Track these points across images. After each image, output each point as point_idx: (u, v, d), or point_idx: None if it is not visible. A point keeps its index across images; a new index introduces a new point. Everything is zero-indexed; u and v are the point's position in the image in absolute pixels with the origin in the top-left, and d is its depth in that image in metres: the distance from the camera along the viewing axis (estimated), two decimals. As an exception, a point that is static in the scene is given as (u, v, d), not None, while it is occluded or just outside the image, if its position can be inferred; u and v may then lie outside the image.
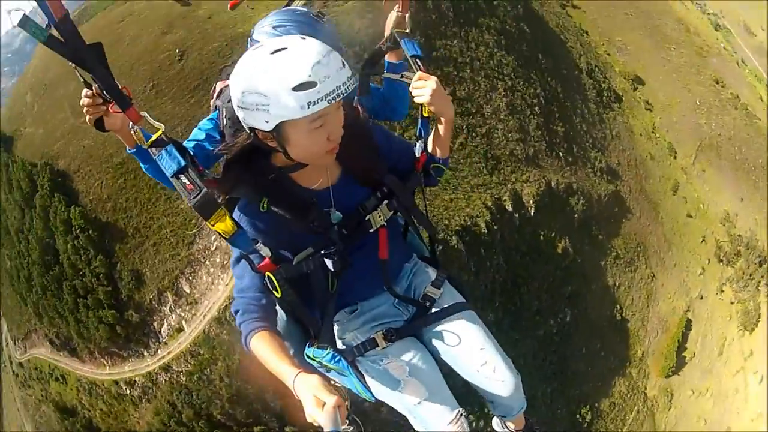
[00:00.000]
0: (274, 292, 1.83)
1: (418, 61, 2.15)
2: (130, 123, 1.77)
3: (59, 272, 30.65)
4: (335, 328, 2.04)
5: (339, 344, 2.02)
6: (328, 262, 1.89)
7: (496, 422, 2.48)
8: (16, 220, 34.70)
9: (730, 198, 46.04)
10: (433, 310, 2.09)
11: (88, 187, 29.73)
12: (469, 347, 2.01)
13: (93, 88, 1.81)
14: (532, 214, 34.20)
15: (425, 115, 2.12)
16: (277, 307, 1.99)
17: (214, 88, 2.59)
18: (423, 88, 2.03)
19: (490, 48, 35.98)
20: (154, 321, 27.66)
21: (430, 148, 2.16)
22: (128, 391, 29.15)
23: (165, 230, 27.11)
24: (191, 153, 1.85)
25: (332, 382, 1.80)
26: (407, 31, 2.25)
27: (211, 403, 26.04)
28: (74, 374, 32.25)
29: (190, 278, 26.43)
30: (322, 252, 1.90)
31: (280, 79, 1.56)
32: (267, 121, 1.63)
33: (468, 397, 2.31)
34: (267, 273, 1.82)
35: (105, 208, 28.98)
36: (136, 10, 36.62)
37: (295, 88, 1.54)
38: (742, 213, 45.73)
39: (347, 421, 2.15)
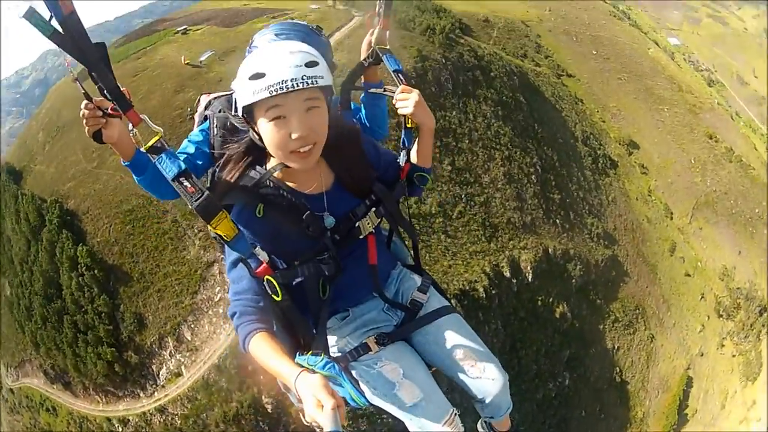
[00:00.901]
0: (274, 296, 1.87)
1: (400, 75, 2.26)
2: (130, 125, 1.85)
3: (61, 306, 30.82)
4: (328, 334, 2.08)
5: (332, 350, 2.06)
6: (323, 268, 1.95)
7: (481, 426, 2.51)
8: (21, 250, 34.96)
9: (728, 252, 46.55)
10: (421, 314, 2.15)
11: (96, 229, 30.34)
12: (458, 349, 2.07)
13: (93, 100, 1.85)
14: (530, 280, 34.69)
15: (408, 126, 2.23)
16: None
17: (199, 100, 2.62)
18: (406, 100, 2.14)
19: (487, 119, 37.29)
20: (153, 364, 27.86)
21: (413, 158, 2.25)
22: (120, 429, 29.00)
23: (170, 278, 27.63)
24: None
25: None
26: (388, 47, 2.35)
27: (204, 449, 25.99)
28: (66, 407, 32.13)
29: (192, 326, 26.74)
30: (317, 258, 1.96)
31: (245, 70, 1.75)
32: (236, 107, 1.82)
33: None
34: (266, 276, 1.87)
35: (112, 251, 29.49)
36: (150, 67, 38.08)
37: (250, 78, 1.71)
38: (740, 265, 46.16)
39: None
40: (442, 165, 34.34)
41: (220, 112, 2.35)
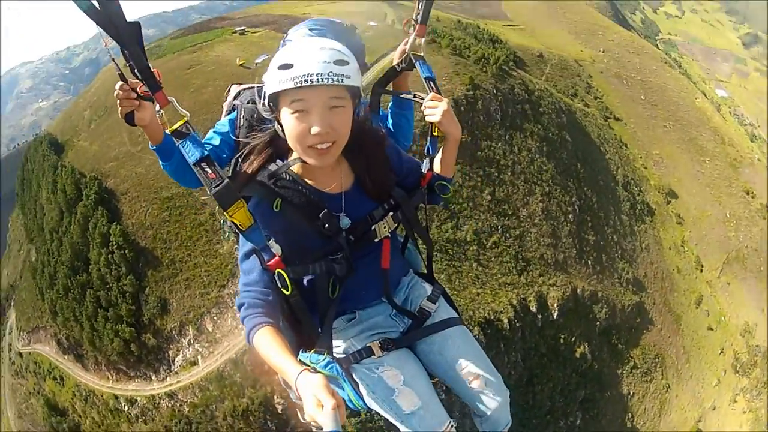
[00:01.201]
0: (284, 289, 1.87)
1: (431, 83, 2.28)
2: (157, 106, 1.86)
3: (86, 280, 31.01)
4: (333, 334, 2.07)
5: (336, 350, 2.05)
6: (336, 267, 1.94)
7: None
8: (52, 219, 35.26)
9: (752, 309, 46.51)
10: (428, 323, 2.14)
11: (133, 210, 30.81)
12: (462, 361, 2.07)
13: (128, 81, 1.88)
14: (555, 317, 34.98)
15: (435, 134, 2.24)
16: None
17: (229, 90, 2.63)
18: (435, 108, 2.15)
19: (531, 153, 37.84)
20: (170, 349, 28.09)
21: (436, 167, 2.25)
22: (126, 408, 29.23)
23: (200, 269, 27.83)
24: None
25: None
26: (422, 54, 2.36)
27: (208, 440, 26.04)
28: (74, 379, 32.42)
29: (215, 318, 26.90)
30: (330, 256, 1.94)
31: (275, 60, 1.76)
32: (266, 92, 1.82)
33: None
34: (277, 270, 1.87)
35: (145, 235, 29.86)
36: (204, 62, 39.30)
37: (279, 67, 1.73)
38: (762, 323, 46.10)
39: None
40: (482, 194, 34.98)
41: (248, 102, 2.38)
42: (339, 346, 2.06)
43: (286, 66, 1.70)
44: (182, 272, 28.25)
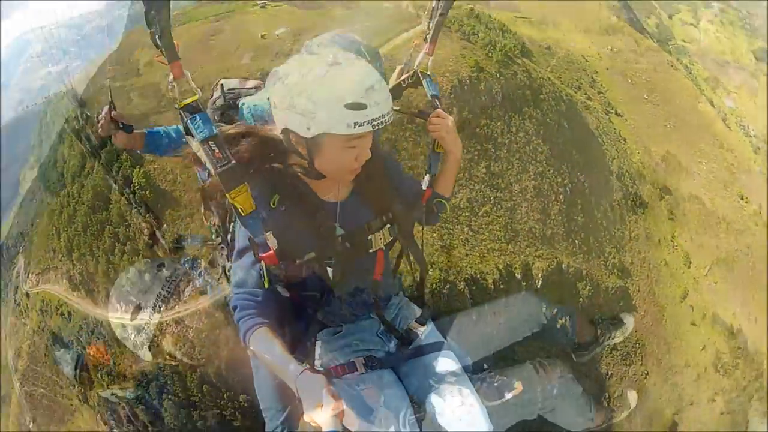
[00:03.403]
0: (265, 282, 1.84)
1: (436, 100, 2.29)
2: (170, 77, 1.73)
3: (105, 217, 32.25)
4: (317, 345, 2.03)
5: (317, 362, 2.02)
6: (329, 270, 1.90)
7: None
8: (74, 165, 36.00)
9: (739, 311, 46.99)
10: (415, 345, 2.09)
11: (156, 157, 32.58)
12: (447, 386, 2.02)
13: (114, 110, 2.14)
14: (538, 286, 36.28)
15: (437, 150, 2.25)
16: None
17: (217, 85, 2.63)
18: (439, 124, 2.15)
19: (528, 135, 39.77)
20: (181, 281, 29.36)
21: (435, 184, 2.26)
22: (133, 336, 30.45)
23: None
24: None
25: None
26: (429, 72, 2.36)
27: (209, 362, 27.30)
28: (82, 313, 33.41)
29: (228, 256, 28.87)
30: (325, 262, 1.92)
31: (334, 92, 1.60)
32: (308, 128, 1.65)
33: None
34: (263, 263, 1.82)
35: (166, 179, 31.35)
36: (226, 31, 41.22)
37: (347, 106, 1.59)
38: (747, 326, 46.47)
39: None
40: (479, 167, 36.87)
41: (216, 98, 2.42)
42: (321, 357, 2.03)
43: (359, 106, 1.61)
44: (199, 212, 28.54)
